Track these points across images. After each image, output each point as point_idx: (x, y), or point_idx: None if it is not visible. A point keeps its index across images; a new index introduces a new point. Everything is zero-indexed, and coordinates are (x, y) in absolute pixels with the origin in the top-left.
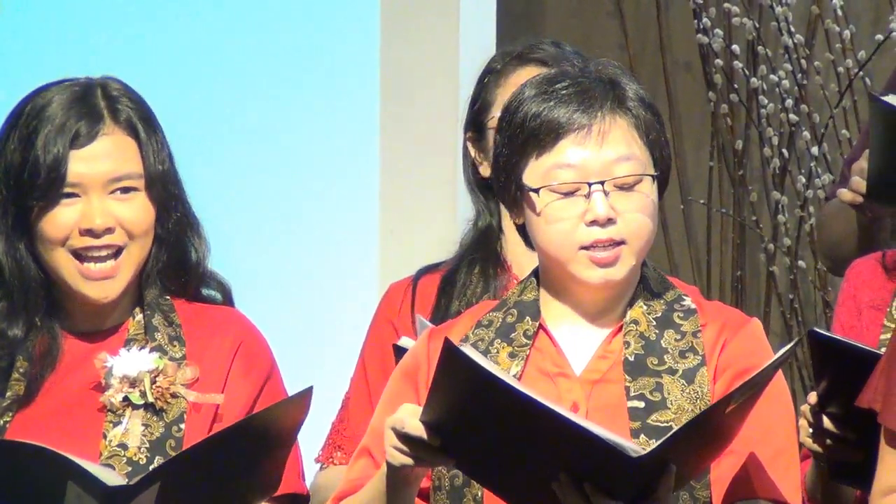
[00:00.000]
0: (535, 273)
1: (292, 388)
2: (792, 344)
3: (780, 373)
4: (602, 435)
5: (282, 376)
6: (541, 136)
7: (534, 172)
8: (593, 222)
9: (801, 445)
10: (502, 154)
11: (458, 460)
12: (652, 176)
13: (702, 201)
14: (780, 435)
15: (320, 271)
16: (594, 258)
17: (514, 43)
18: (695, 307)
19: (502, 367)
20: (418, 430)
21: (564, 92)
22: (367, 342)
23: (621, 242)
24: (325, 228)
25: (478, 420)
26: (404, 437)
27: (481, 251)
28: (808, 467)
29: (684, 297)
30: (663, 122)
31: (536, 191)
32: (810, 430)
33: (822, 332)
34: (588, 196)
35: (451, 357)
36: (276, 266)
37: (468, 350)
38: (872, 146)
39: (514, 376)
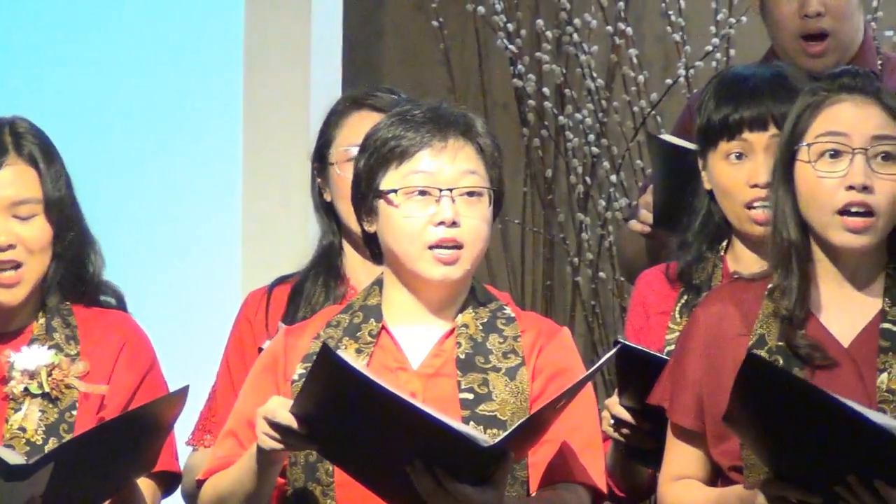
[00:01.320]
0: (377, 282)
1: (171, 379)
2: (609, 354)
3: (586, 375)
4: (455, 426)
5: (161, 370)
6: (400, 149)
7: (392, 179)
8: (441, 223)
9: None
10: (364, 169)
11: (321, 446)
12: (493, 191)
13: (517, 221)
14: (587, 427)
15: (194, 281)
16: (438, 256)
17: (356, 88)
18: (514, 315)
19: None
20: (288, 419)
21: (421, 118)
22: (229, 341)
23: (461, 246)
24: (194, 244)
25: (344, 412)
26: (275, 425)
27: (324, 265)
28: (609, 449)
29: (505, 307)
30: (502, 154)
31: (395, 191)
32: (612, 421)
33: (627, 342)
34: (438, 200)
35: (327, 358)
36: (159, 278)
37: (343, 353)
38: (655, 181)
39: None
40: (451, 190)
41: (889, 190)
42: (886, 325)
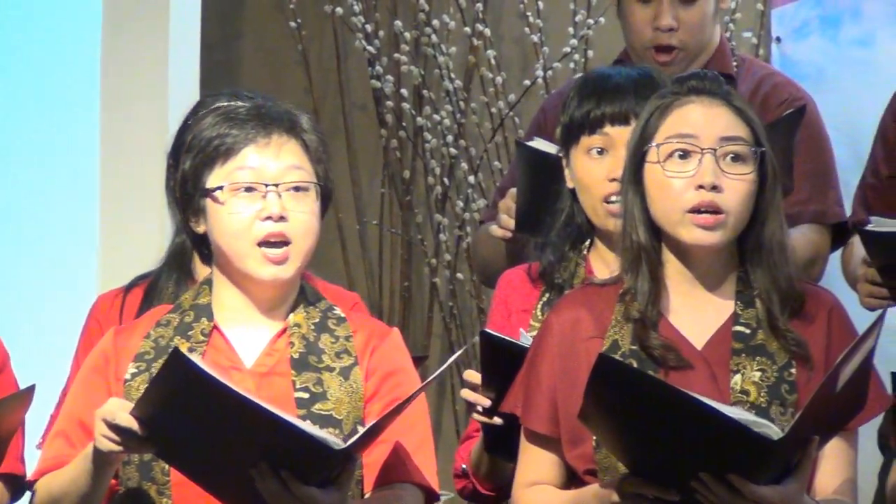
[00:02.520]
0: (207, 282)
1: (25, 381)
2: (455, 356)
3: (416, 375)
4: (306, 430)
5: (13, 371)
6: (225, 147)
7: (217, 177)
8: (268, 218)
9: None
10: (189, 168)
11: (160, 448)
12: (319, 186)
13: (375, 222)
14: (419, 428)
15: (50, 282)
16: (267, 255)
17: (214, 91)
18: (344, 316)
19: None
20: (128, 421)
21: (245, 115)
22: (79, 344)
23: (290, 241)
24: (51, 245)
25: (189, 415)
26: (114, 427)
27: (176, 264)
28: (474, 445)
29: (335, 308)
30: (328, 149)
31: (221, 188)
32: (480, 409)
33: (492, 332)
34: (264, 196)
35: (178, 361)
36: (14, 278)
37: (194, 357)
38: (519, 185)
39: None
40: (276, 185)
41: (737, 189)
42: (739, 328)
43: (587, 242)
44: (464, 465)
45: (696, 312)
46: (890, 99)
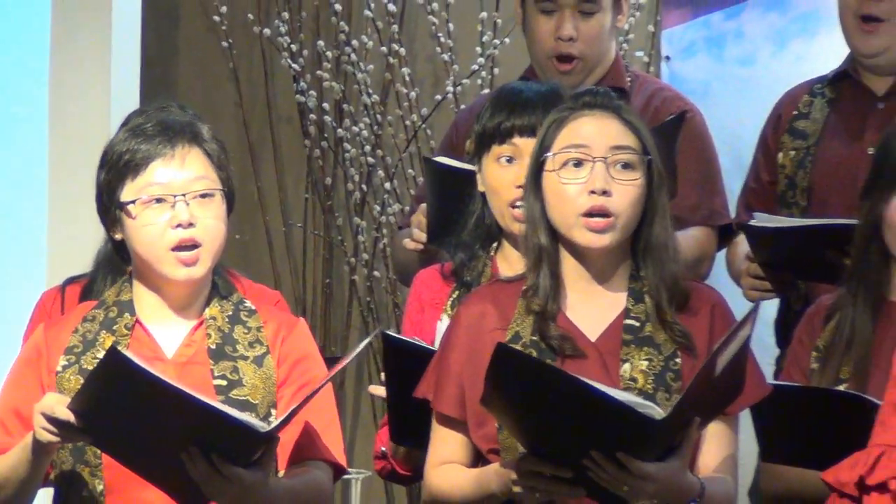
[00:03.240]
0: (128, 279)
1: None
2: (366, 341)
3: (322, 361)
4: (234, 415)
5: None
6: (135, 163)
7: (130, 191)
8: (178, 226)
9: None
10: (104, 182)
11: (97, 438)
12: (224, 191)
13: (299, 225)
14: (327, 409)
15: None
16: (179, 258)
17: (151, 103)
18: (254, 308)
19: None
20: (66, 415)
21: (152, 130)
22: (25, 339)
23: (199, 245)
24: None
25: (124, 407)
26: (52, 420)
27: (111, 265)
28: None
29: (245, 300)
30: (228, 155)
31: (133, 202)
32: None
33: (391, 333)
34: (173, 206)
35: (114, 358)
36: None
37: (129, 353)
38: (429, 200)
39: None
40: (184, 195)
41: (626, 193)
42: (629, 321)
43: (495, 244)
44: (383, 448)
45: (591, 307)
46: (769, 112)
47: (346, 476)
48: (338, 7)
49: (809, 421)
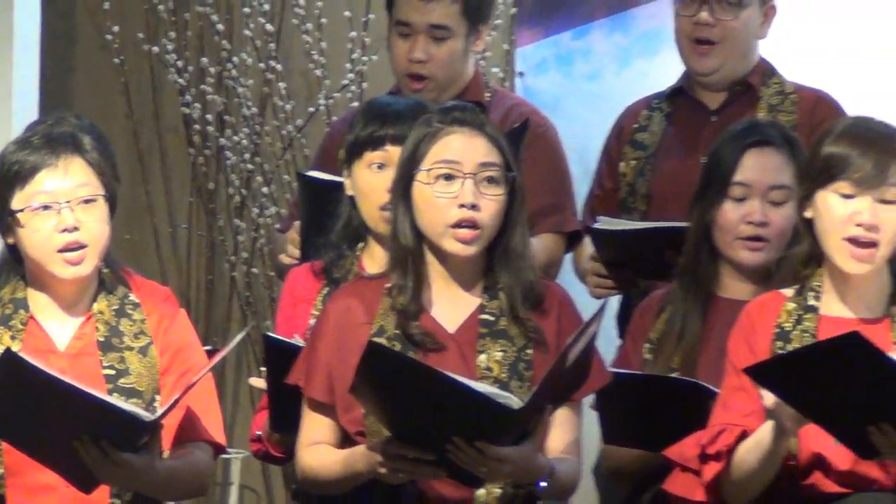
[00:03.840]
0: (23, 278)
1: None
2: (238, 337)
3: (202, 349)
4: (122, 406)
5: None
6: (23, 173)
7: (19, 200)
8: (64, 230)
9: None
10: None
11: (2, 432)
12: (104, 196)
13: (184, 226)
14: (206, 395)
15: None
16: (66, 258)
17: (48, 114)
18: (138, 301)
19: (5, 346)
20: None
21: (38, 142)
22: None
23: (85, 245)
24: None
25: (22, 404)
26: None
27: (14, 266)
28: (265, 418)
29: (130, 294)
30: (112, 161)
31: (23, 210)
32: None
33: (271, 335)
34: (59, 212)
35: (9, 359)
36: None
37: (23, 354)
38: (302, 216)
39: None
40: (68, 202)
41: (491, 207)
42: (484, 317)
43: (361, 244)
44: (258, 432)
45: (451, 303)
46: (612, 124)
47: (225, 455)
48: (220, 27)
49: (647, 407)
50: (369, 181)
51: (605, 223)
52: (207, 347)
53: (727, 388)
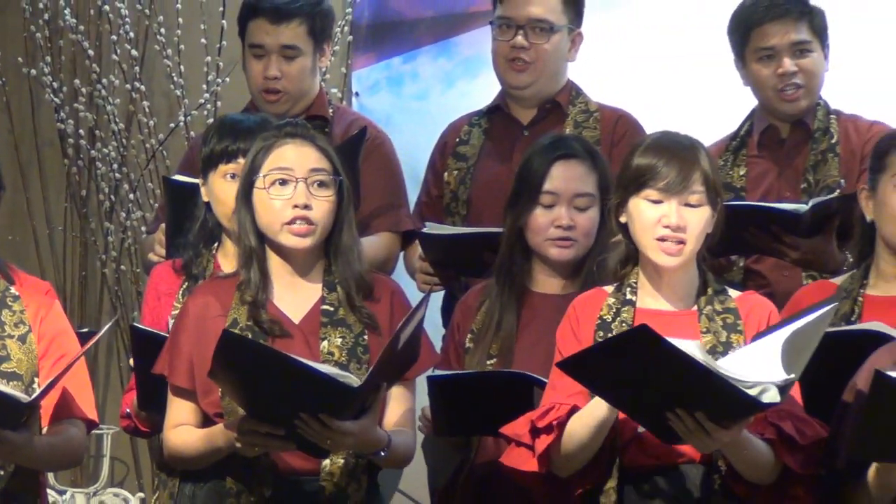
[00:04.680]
0: None
1: None
2: (106, 328)
3: (75, 336)
4: (1, 389)
5: None
6: None
7: None
8: None
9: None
10: None
11: None
12: None
13: (60, 228)
14: (80, 375)
15: None
16: None
17: None
18: (18, 294)
19: None
20: None
21: None
22: None
23: None
24: None
25: None
26: None
27: None
28: (132, 398)
29: (11, 288)
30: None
31: None
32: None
33: (138, 325)
34: None
35: None
36: None
37: None
38: (167, 218)
39: None
40: None
41: (322, 207)
42: (325, 307)
43: (216, 243)
44: (128, 409)
45: (295, 296)
46: (438, 139)
47: (97, 431)
48: (90, 52)
49: (474, 400)
50: (224, 189)
51: (431, 228)
52: (84, 329)
53: (556, 372)
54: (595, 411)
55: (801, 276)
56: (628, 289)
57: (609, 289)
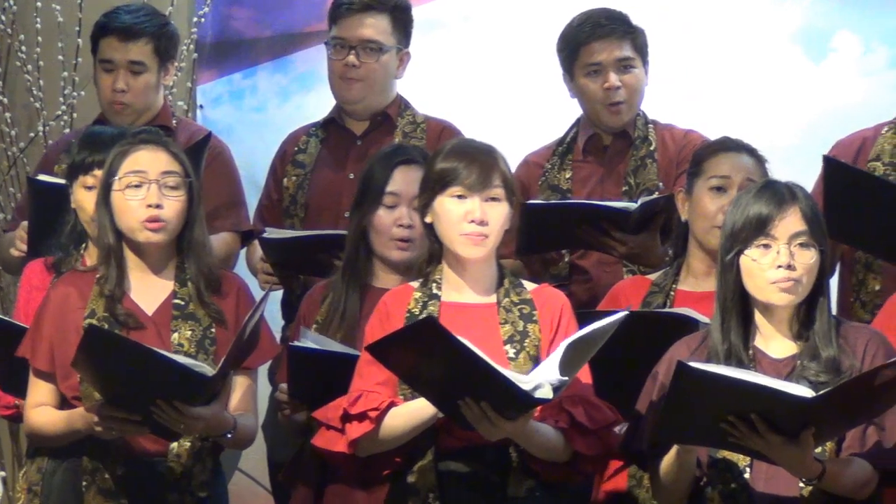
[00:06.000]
0: None
1: None
2: None
3: None
4: None
5: None
6: None
7: None
8: None
9: None
10: None
11: None
12: None
13: None
14: None
15: None
16: None
17: None
18: None
19: None
20: None
21: None
22: None
23: None
24: None
25: None
26: None
27: None
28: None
29: None
30: None
31: None
32: None
33: (3, 317)
34: None
35: None
36: None
37: None
38: (30, 216)
39: None
40: None
41: (174, 206)
42: (177, 301)
43: (84, 244)
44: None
45: (149, 290)
46: (278, 148)
47: None
48: None
49: (323, 372)
50: (84, 198)
51: (271, 233)
52: None
53: (363, 361)
54: (420, 412)
55: (622, 271)
56: (434, 284)
57: (415, 284)
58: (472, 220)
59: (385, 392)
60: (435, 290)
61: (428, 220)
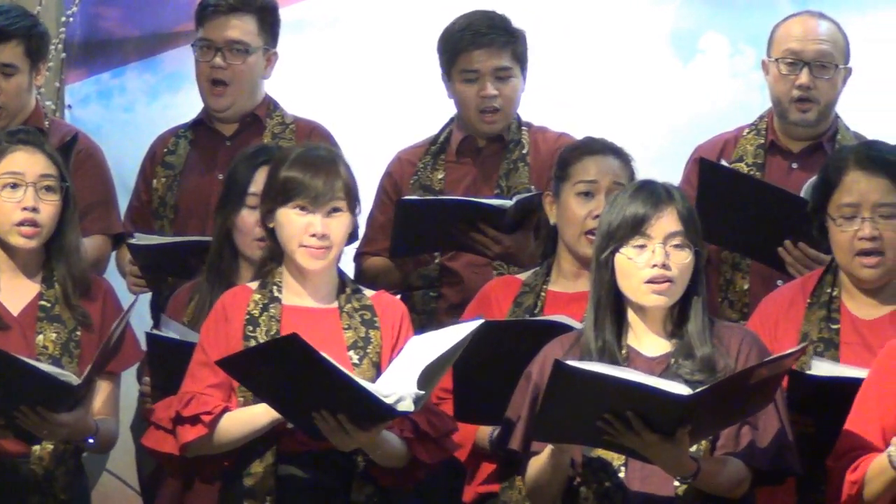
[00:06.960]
0: None
1: None
2: None
3: None
4: None
5: None
6: None
7: None
8: None
9: None
10: None
11: None
12: None
13: None
14: None
15: None
16: None
17: None
18: None
19: None
20: None
21: None
22: None
23: None
24: None
25: None
26: None
27: None
28: None
29: None
30: None
31: None
32: None
33: None
34: None
35: None
36: None
37: None
38: None
39: None
40: None
41: (49, 210)
42: (43, 303)
43: None
44: None
45: (15, 291)
46: (147, 148)
47: None
48: None
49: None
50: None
51: (139, 239)
52: None
53: (195, 362)
54: (259, 418)
55: (491, 273)
56: (274, 287)
57: (253, 286)
58: (313, 234)
59: (218, 395)
60: (276, 293)
61: (271, 225)
